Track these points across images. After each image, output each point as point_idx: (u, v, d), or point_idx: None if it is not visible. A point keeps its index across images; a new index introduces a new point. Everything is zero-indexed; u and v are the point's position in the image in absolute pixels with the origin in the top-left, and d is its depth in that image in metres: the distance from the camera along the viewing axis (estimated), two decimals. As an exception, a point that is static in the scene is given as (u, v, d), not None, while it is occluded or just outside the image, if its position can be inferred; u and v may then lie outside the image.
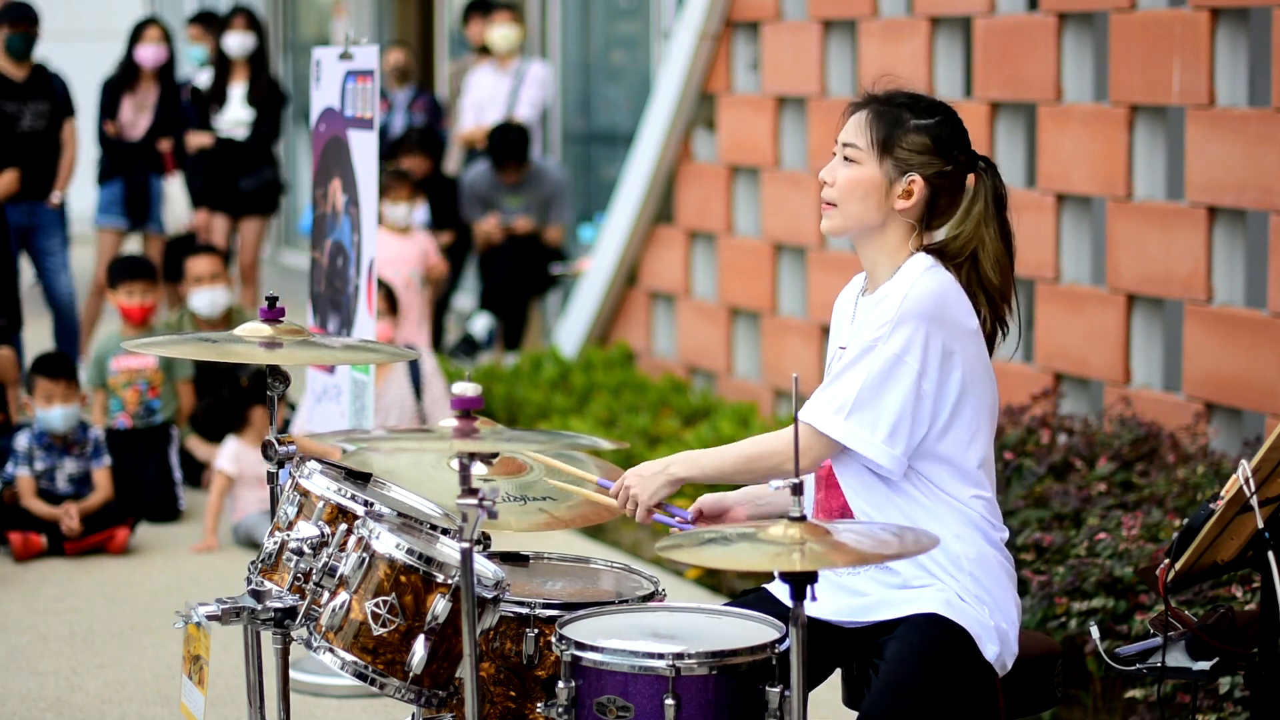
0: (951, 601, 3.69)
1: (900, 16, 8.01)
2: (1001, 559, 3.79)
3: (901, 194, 3.77)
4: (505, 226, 10.57)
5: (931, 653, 3.63)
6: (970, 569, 3.71)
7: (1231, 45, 6.41)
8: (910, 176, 3.77)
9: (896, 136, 3.76)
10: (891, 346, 3.66)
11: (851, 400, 3.67)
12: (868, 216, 3.79)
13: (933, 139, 3.77)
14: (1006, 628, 3.74)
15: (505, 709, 3.73)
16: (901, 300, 3.67)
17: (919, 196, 3.77)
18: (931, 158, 3.77)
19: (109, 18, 16.37)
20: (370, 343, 4.69)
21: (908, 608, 3.70)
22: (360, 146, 6.05)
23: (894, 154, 3.76)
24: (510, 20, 11.28)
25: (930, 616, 3.67)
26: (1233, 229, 6.43)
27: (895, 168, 3.77)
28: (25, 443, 7.54)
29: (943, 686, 3.63)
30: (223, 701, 5.64)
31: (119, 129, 10.62)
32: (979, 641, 3.68)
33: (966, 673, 3.68)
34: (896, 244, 3.79)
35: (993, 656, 3.70)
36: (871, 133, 3.77)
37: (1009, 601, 3.77)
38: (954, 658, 3.66)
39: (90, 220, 10.87)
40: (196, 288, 8.79)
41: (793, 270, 8.73)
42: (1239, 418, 6.42)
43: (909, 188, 3.77)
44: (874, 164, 3.78)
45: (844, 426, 3.68)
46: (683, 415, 8.69)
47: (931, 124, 3.78)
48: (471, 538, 3.37)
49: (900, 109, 3.79)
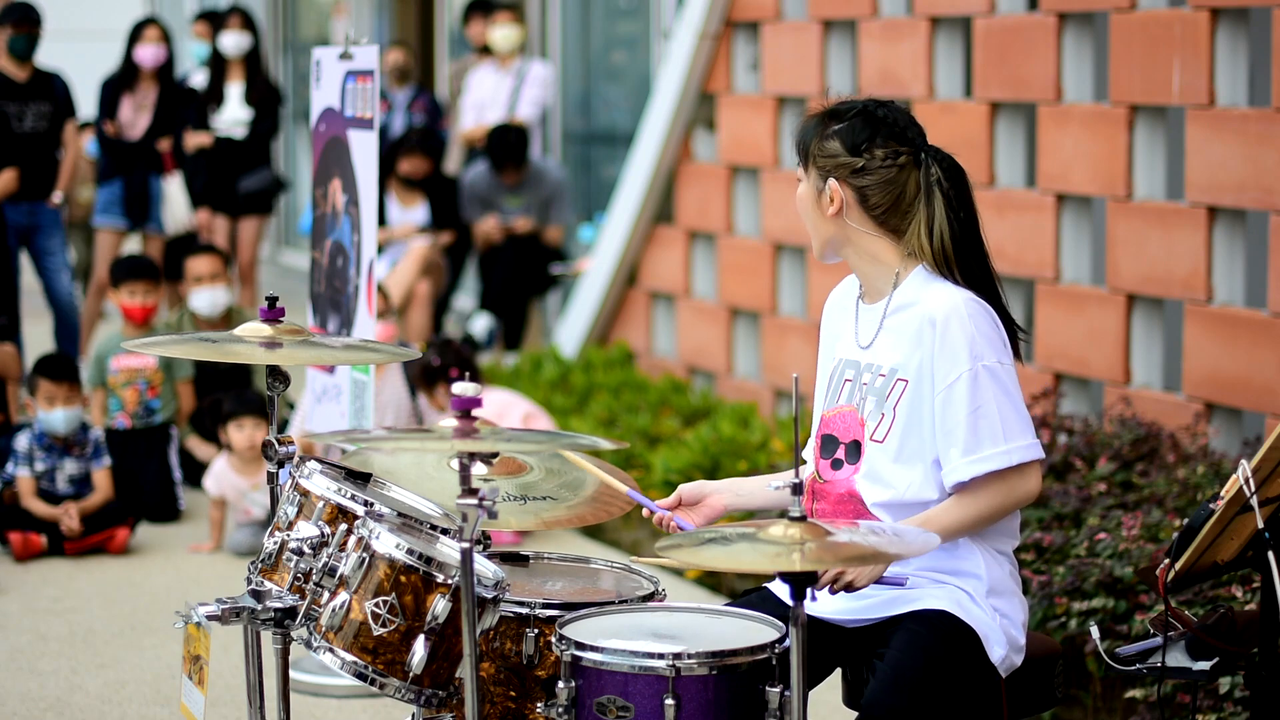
0: (960, 602, 3.70)
1: (900, 16, 8.01)
2: (1011, 567, 3.81)
3: (828, 201, 3.79)
4: (505, 227, 10.57)
5: (937, 646, 3.64)
6: (979, 573, 3.72)
7: (1231, 45, 6.41)
8: (830, 182, 3.79)
9: (812, 147, 3.81)
10: (988, 360, 3.67)
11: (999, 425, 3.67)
12: (821, 230, 3.83)
13: (841, 140, 3.79)
14: (1015, 633, 3.75)
15: (505, 709, 3.73)
16: (964, 327, 3.67)
17: (842, 200, 3.78)
18: (843, 159, 3.78)
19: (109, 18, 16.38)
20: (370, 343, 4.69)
21: (915, 604, 3.71)
22: (360, 146, 6.05)
23: (815, 163, 3.81)
24: (511, 20, 11.29)
25: (938, 613, 3.68)
26: (1233, 229, 6.43)
27: (819, 177, 3.81)
28: (25, 443, 7.54)
29: (945, 682, 3.63)
30: (223, 701, 5.64)
31: (118, 129, 10.62)
32: (985, 642, 3.69)
33: (970, 671, 3.68)
34: (871, 249, 3.80)
35: (998, 659, 3.71)
36: (797, 148, 3.85)
37: (1016, 608, 3.78)
38: (959, 655, 3.66)
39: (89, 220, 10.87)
40: (196, 287, 8.79)
41: (792, 270, 8.73)
42: (1239, 418, 6.42)
43: (831, 194, 3.79)
44: (805, 178, 3.84)
45: (1010, 451, 3.67)
46: (683, 415, 8.69)
47: (842, 126, 3.80)
48: (471, 538, 3.37)
49: (823, 119, 3.83)
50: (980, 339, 3.68)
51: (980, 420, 3.66)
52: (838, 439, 3.83)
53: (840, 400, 3.84)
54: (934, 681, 3.62)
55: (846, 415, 3.82)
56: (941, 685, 3.62)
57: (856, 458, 3.79)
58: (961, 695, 3.67)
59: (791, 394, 3.58)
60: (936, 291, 3.72)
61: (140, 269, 8.66)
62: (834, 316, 3.96)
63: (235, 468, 7.54)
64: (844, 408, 3.83)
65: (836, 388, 3.86)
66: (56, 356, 7.95)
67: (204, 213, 10.89)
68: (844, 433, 3.82)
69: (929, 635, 3.65)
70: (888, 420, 3.74)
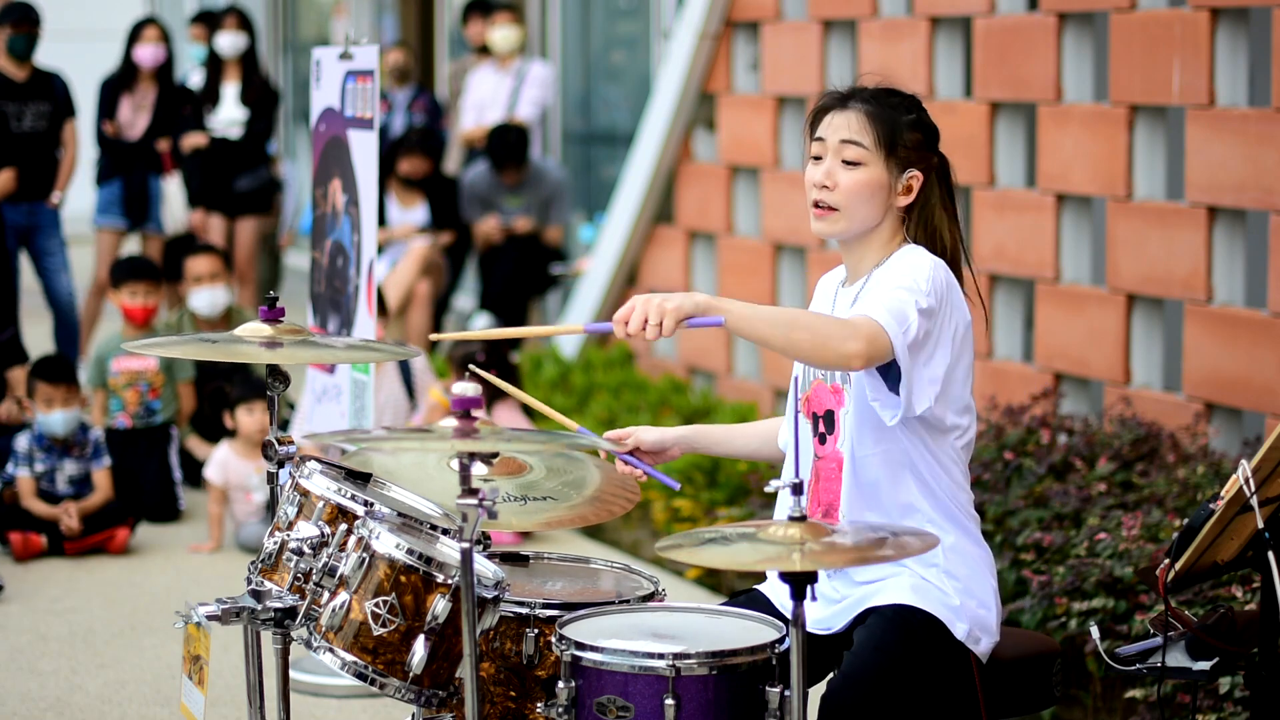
0: (917, 586, 3.71)
1: (900, 16, 8.01)
2: (975, 548, 3.80)
3: (902, 190, 3.79)
4: (505, 227, 10.57)
5: (892, 643, 3.64)
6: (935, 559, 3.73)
7: (1231, 45, 6.41)
8: (911, 173, 3.79)
9: (898, 134, 3.78)
10: (929, 301, 3.63)
11: (914, 334, 3.60)
12: (874, 215, 3.80)
13: (924, 133, 3.82)
14: (981, 611, 3.75)
15: (505, 709, 3.73)
16: (930, 270, 3.67)
17: (917, 190, 3.80)
18: (926, 151, 3.81)
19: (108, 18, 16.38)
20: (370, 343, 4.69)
21: (875, 599, 3.73)
22: (360, 146, 6.05)
23: (896, 152, 3.78)
24: (511, 20, 11.28)
25: (895, 607, 3.69)
26: (1233, 229, 6.43)
27: (898, 165, 3.79)
28: (25, 444, 7.54)
29: (904, 673, 3.64)
30: (223, 701, 5.64)
31: (118, 129, 10.62)
32: (948, 624, 3.70)
33: (936, 657, 3.69)
34: (888, 237, 3.83)
35: (963, 635, 3.71)
36: (875, 132, 3.77)
37: (983, 586, 3.77)
38: (920, 643, 3.67)
39: (89, 220, 10.87)
40: (196, 287, 8.79)
41: (792, 270, 8.73)
42: (1239, 418, 6.42)
43: (909, 183, 3.80)
44: (879, 164, 3.78)
45: (904, 349, 3.60)
46: (683, 415, 8.69)
47: (920, 118, 3.82)
48: (471, 538, 3.37)
49: (889, 106, 3.81)
50: (922, 280, 3.65)
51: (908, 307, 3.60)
52: (817, 414, 3.85)
53: (812, 377, 3.88)
54: (888, 676, 3.62)
55: (819, 389, 3.85)
56: (897, 678, 3.63)
57: (833, 426, 3.81)
58: (927, 682, 3.67)
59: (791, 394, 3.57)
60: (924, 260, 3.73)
61: (141, 269, 8.66)
62: (817, 302, 3.98)
63: (241, 453, 7.54)
64: (816, 383, 3.86)
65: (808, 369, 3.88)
66: (54, 358, 7.95)
67: (199, 213, 10.89)
68: (820, 406, 3.85)
69: (884, 633, 3.65)
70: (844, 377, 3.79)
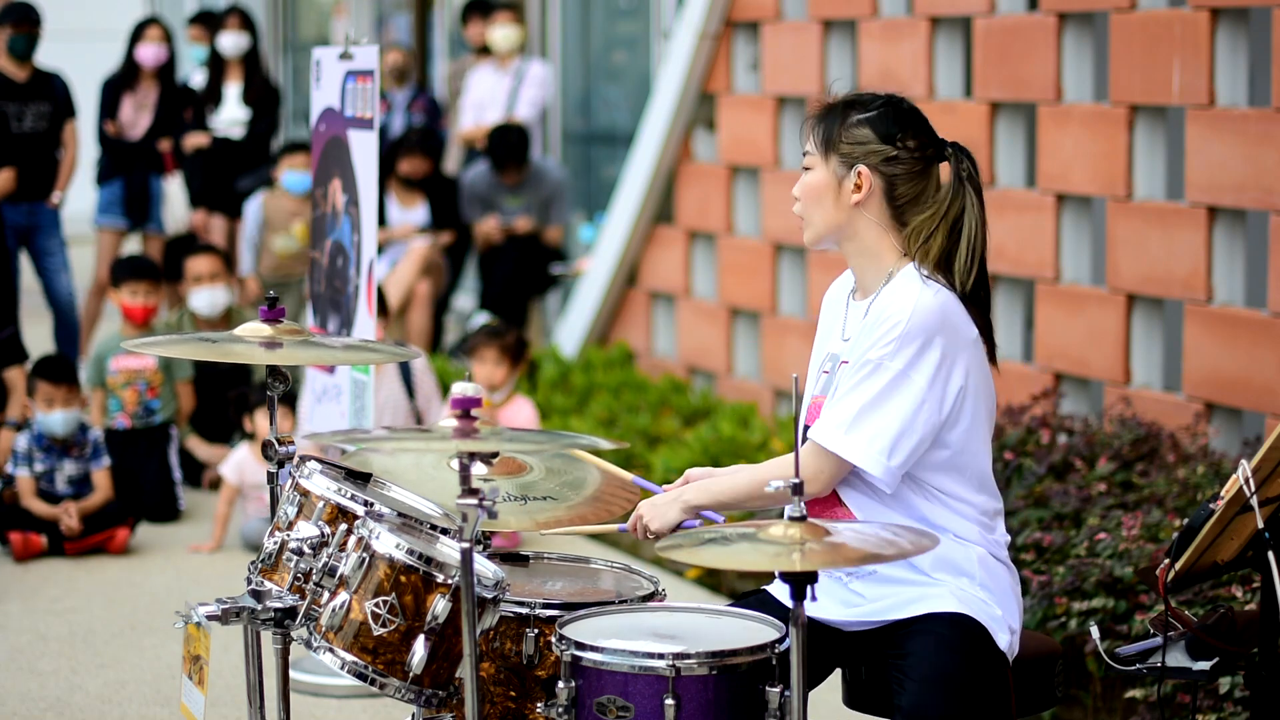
0: (960, 597, 3.72)
1: (900, 16, 8.01)
2: (1002, 561, 3.81)
3: (853, 188, 3.79)
4: (505, 227, 10.56)
5: (959, 643, 3.67)
6: (970, 570, 3.73)
7: (1231, 45, 6.41)
8: (857, 168, 3.79)
9: (837, 132, 3.80)
10: (896, 364, 3.68)
11: (852, 416, 3.68)
12: (831, 218, 3.82)
13: (873, 127, 3.79)
14: (1011, 622, 3.78)
15: (505, 709, 3.73)
16: (907, 319, 3.68)
17: (870, 187, 3.79)
18: (874, 146, 3.79)
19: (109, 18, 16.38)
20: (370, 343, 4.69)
21: (919, 607, 3.72)
22: (360, 146, 6.05)
23: (838, 150, 3.80)
24: (510, 20, 11.28)
25: (953, 615, 3.70)
26: (1233, 229, 6.43)
27: (842, 164, 3.80)
28: (25, 444, 7.54)
29: (971, 675, 3.66)
30: (223, 701, 5.64)
31: (119, 129, 10.62)
32: (992, 632, 3.72)
33: (986, 663, 3.71)
34: (874, 243, 3.81)
35: (1005, 646, 3.74)
36: (816, 135, 3.82)
37: (1010, 598, 3.79)
38: (976, 649, 3.69)
39: (90, 220, 10.87)
40: (196, 287, 8.79)
41: (792, 270, 8.73)
42: (1239, 418, 6.42)
43: (858, 180, 3.79)
44: (822, 165, 3.82)
45: (845, 440, 3.69)
46: (683, 415, 8.69)
47: (871, 115, 3.81)
48: (471, 538, 3.37)
49: (843, 108, 3.83)
50: (911, 345, 3.67)
51: (847, 397, 3.69)
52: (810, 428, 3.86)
53: (817, 391, 3.88)
54: (962, 677, 3.64)
55: (819, 406, 3.85)
56: (968, 680, 3.65)
57: None
58: (982, 687, 3.69)
59: (791, 394, 3.57)
60: (908, 286, 3.73)
61: (141, 269, 8.66)
62: (828, 311, 3.98)
63: (259, 455, 7.54)
64: (818, 399, 3.86)
65: (815, 379, 3.91)
66: (55, 358, 7.95)
67: (200, 213, 10.89)
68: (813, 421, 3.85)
69: (950, 634, 3.67)
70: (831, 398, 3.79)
